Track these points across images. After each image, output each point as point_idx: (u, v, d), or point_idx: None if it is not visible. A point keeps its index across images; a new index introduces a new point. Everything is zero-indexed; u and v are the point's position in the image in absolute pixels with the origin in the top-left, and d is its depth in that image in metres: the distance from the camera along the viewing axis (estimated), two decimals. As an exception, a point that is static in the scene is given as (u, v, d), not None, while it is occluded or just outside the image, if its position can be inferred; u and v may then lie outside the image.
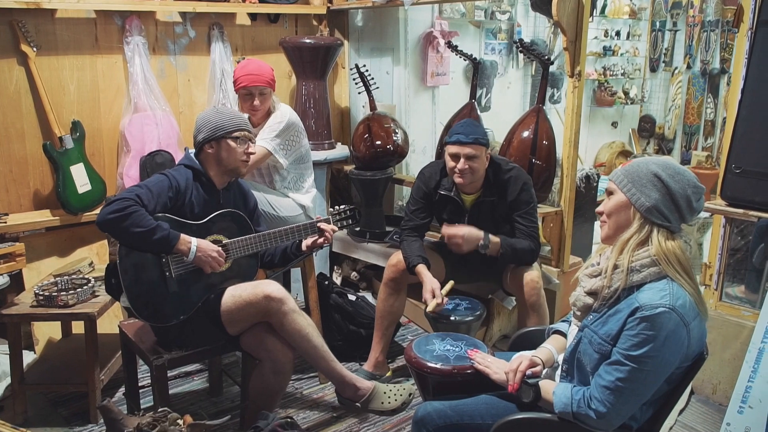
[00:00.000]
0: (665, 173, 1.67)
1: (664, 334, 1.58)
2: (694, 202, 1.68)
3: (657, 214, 1.67)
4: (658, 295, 1.60)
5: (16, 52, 3.22)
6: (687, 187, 1.67)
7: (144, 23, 3.58)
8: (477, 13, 4.87)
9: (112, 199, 2.25)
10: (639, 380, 1.61)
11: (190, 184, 2.42)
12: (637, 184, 1.69)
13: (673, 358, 1.62)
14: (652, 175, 1.68)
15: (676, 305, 1.59)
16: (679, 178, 1.67)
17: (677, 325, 1.59)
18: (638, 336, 1.59)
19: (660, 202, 1.66)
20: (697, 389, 3.05)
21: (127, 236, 2.22)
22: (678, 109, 6.64)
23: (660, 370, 1.62)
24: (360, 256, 3.96)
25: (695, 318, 1.64)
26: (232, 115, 2.50)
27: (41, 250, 3.36)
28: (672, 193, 1.66)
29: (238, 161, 2.49)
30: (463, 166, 2.78)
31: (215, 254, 2.36)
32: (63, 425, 2.81)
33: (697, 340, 1.67)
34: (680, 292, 1.62)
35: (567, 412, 1.68)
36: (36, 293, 2.74)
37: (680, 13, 6.50)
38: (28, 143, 3.34)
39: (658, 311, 1.58)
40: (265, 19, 4.09)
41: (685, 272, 1.65)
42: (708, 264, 3.12)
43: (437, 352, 2.09)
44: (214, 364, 3.03)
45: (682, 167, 1.72)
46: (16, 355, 2.77)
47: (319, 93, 3.99)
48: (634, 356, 1.60)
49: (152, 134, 3.54)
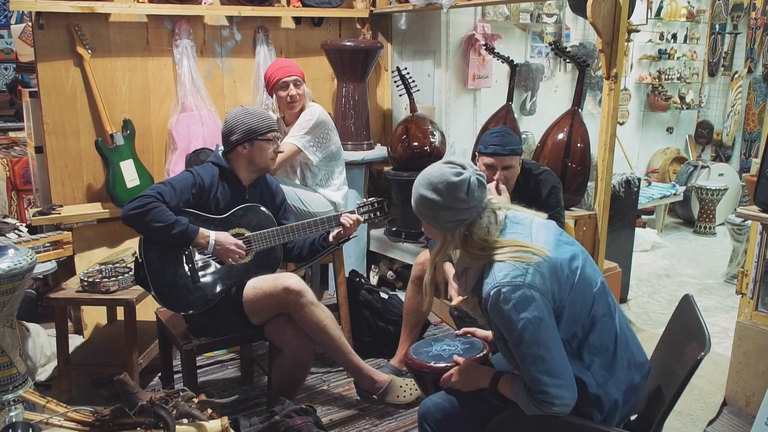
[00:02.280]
0: (429, 191, 1.73)
1: (510, 306, 1.64)
2: (463, 195, 1.70)
3: (451, 224, 1.74)
4: (486, 287, 1.69)
5: (72, 54, 3.44)
6: (449, 190, 1.70)
7: (192, 27, 3.76)
8: (522, 15, 4.86)
9: (136, 196, 2.40)
10: (539, 351, 1.65)
11: (216, 181, 2.55)
12: (420, 210, 1.78)
13: (538, 313, 1.64)
14: (422, 198, 1.76)
15: (500, 281, 1.65)
16: (440, 187, 1.71)
17: (512, 292, 1.64)
18: (500, 323, 1.68)
19: (442, 217, 1.73)
20: (730, 400, 2.97)
21: (149, 230, 2.38)
22: (737, 114, 6.42)
23: (544, 331, 1.65)
24: (396, 255, 4.03)
25: (525, 273, 1.65)
26: (262, 116, 2.61)
27: (92, 241, 3.56)
28: (443, 204, 1.71)
29: (268, 160, 2.62)
30: (500, 177, 2.74)
31: (234, 247, 2.47)
32: (104, 404, 2.96)
33: (550, 280, 1.68)
34: (499, 266, 1.68)
35: (534, 412, 1.71)
36: (81, 279, 2.92)
37: (741, 15, 6.29)
38: (82, 140, 3.56)
39: (491, 297, 1.66)
40: (309, 23, 4.21)
41: (489, 248, 1.71)
42: (745, 272, 3.03)
43: (433, 352, 2.14)
44: (245, 354, 3.15)
45: (439, 170, 1.74)
46: (62, 337, 2.96)
47: (359, 95, 4.08)
48: (514, 340, 1.66)
49: (197, 133, 3.71)
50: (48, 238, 3.10)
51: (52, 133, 3.48)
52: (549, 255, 1.70)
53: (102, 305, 3.21)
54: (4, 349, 2.12)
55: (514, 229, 1.76)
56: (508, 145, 2.73)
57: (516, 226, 1.77)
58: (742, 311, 2.96)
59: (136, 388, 1.80)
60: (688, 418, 2.90)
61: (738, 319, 2.96)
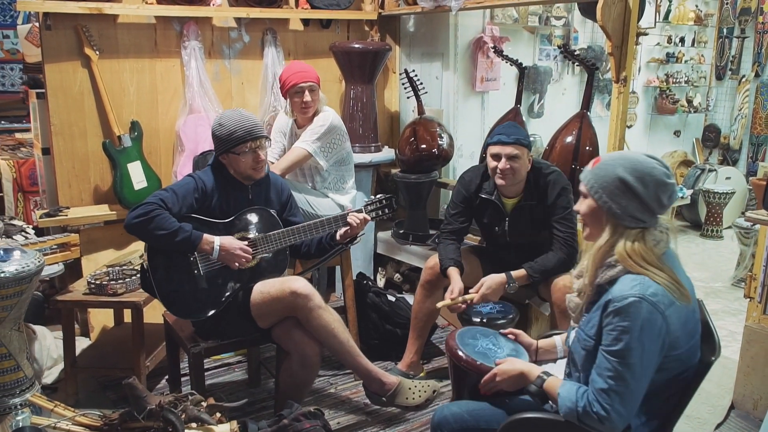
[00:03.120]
0: (632, 177, 1.65)
1: (639, 323, 1.58)
2: (665, 200, 1.67)
3: (629, 219, 1.67)
4: (628, 286, 1.61)
5: (80, 55, 3.44)
6: (656, 187, 1.65)
7: (201, 29, 3.75)
8: (531, 18, 4.84)
9: (139, 203, 2.38)
10: (627, 375, 1.60)
11: (218, 184, 2.53)
12: (606, 190, 1.68)
13: (654, 347, 1.61)
14: (619, 180, 1.67)
15: (647, 294, 1.59)
16: (647, 180, 1.65)
17: (651, 312, 1.58)
18: (615, 330, 1.60)
19: (630, 208, 1.66)
20: (738, 404, 2.95)
21: (152, 238, 2.37)
22: (745, 118, 6.39)
23: (645, 362, 1.61)
24: (403, 258, 4.02)
25: (670, 305, 1.62)
26: (236, 126, 2.48)
27: (99, 243, 3.56)
28: (641, 197, 1.65)
29: (248, 170, 2.55)
30: (505, 165, 2.77)
31: (239, 251, 2.45)
32: (111, 407, 2.96)
33: (681, 327, 1.65)
34: (651, 281, 1.62)
35: (572, 416, 1.68)
36: (89, 281, 2.91)
37: (749, 19, 6.25)
38: (90, 141, 3.55)
39: (628, 301, 1.59)
40: (318, 25, 4.20)
41: (650, 265, 1.64)
42: (753, 275, 3.01)
43: (480, 348, 2.04)
44: (252, 357, 3.14)
45: (650, 163, 1.68)
46: (69, 339, 2.95)
47: (367, 97, 4.07)
48: (616, 351, 1.60)
49: (205, 134, 3.68)
50: (55, 240, 3.09)
51: (59, 135, 3.48)
52: (691, 304, 1.69)
53: (109, 308, 3.20)
54: (12, 353, 2.10)
55: (672, 262, 1.72)
56: (513, 135, 2.78)
57: (675, 260, 1.73)
58: (750, 315, 2.95)
59: (145, 392, 1.78)
60: (696, 421, 2.89)
61: (746, 323, 2.94)
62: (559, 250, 2.81)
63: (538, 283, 2.79)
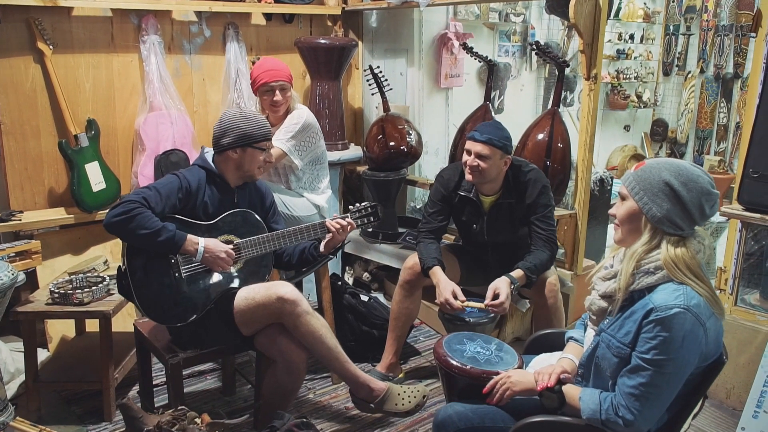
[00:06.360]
0: (677, 181, 1.64)
1: (681, 334, 1.57)
2: (708, 209, 1.66)
3: (669, 224, 1.65)
4: (672, 296, 1.60)
5: (32, 49, 3.23)
6: (700, 195, 1.64)
7: (160, 22, 3.59)
8: (491, 15, 4.85)
9: (119, 201, 2.26)
10: (662, 384, 1.60)
11: (203, 184, 2.43)
12: (648, 192, 1.66)
13: (692, 359, 1.61)
14: (663, 183, 1.65)
15: (691, 305, 1.58)
16: (692, 186, 1.63)
17: (693, 324, 1.58)
18: (656, 338, 1.58)
19: (672, 212, 1.64)
20: (711, 394, 3.03)
21: (134, 238, 2.24)
22: (691, 113, 6.59)
23: (681, 372, 1.61)
24: (372, 257, 3.96)
25: (710, 317, 1.62)
26: (260, 123, 2.50)
27: (55, 248, 3.36)
28: (684, 202, 1.63)
29: (256, 169, 2.51)
30: (472, 162, 2.77)
31: (224, 254, 2.35)
32: (76, 423, 2.81)
33: (714, 340, 1.66)
34: (693, 292, 1.61)
35: (596, 419, 1.67)
36: (51, 291, 2.74)
37: (694, 17, 6.45)
38: (44, 141, 3.35)
39: (673, 312, 1.57)
40: (280, 20, 4.09)
41: (694, 275, 1.63)
42: (723, 268, 3.09)
43: (468, 353, 2.05)
44: (227, 364, 3.03)
45: (695, 171, 1.67)
46: (31, 353, 2.77)
47: (333, 93, 3.99)
48: (655, 360, 1.59)
49: (167, 133, 3.55)
50: (14, 248, 2.90)
51: (10, 134, 3.27)
52: (725, 318, 1.69)
53: (74, 318, 3.03)
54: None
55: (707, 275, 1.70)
56: (487, 134, 2.76)
57: (709, 274, 1.71)
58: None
59: (140, 413, 1.68)
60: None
61: (718, 314, 3.02)
62: (544, 248, 2.81)
63: (533, 283, 2.78)
